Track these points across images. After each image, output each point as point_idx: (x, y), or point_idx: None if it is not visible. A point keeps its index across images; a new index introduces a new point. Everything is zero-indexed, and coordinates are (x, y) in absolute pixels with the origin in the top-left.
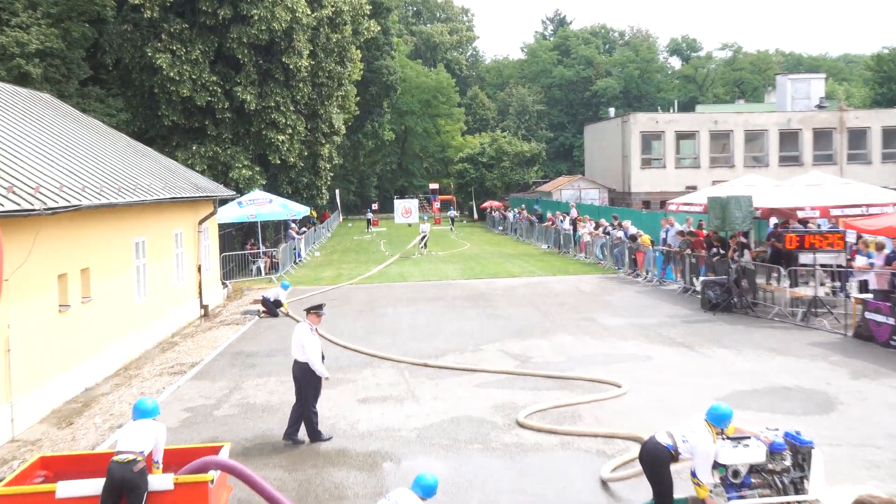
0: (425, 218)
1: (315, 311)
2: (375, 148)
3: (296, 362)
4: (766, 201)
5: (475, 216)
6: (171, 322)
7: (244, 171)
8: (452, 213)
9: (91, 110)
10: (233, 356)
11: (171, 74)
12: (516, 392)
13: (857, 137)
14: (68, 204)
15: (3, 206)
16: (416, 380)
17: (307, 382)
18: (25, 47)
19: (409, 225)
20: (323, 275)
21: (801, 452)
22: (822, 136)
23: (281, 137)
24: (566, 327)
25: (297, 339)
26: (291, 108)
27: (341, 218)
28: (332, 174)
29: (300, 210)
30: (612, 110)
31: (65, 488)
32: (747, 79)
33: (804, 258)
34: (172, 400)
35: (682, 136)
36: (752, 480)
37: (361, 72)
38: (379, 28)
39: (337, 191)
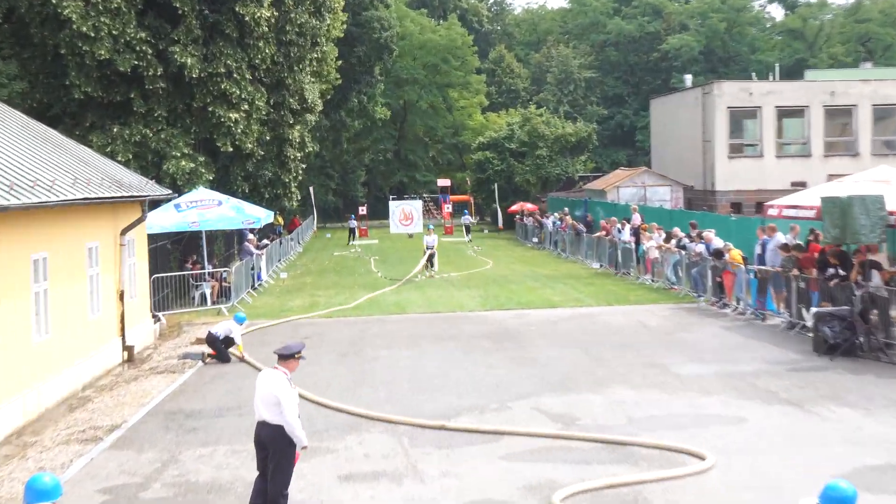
0: (431, 227)
1: (292, 356)
2: (364, 130)
3: (262, 424)
4: None
5: (500, 223)
6: (83, 369)
7: (184, 163)
8: (467, 218)
9: None
10: (167, 417)
11: (84, 29)
12: (557, 466)
13: None
14: None
15: None
16: (420, 449)
17: (279, 453)
18: None
19: (410, 236)
20: (292, 304)
21: None
22: None
23: (234, 116)
24: (626, 377)
25: (265, 393)
26: (248, 76)
27: (316, 226)
28: (304, 166)
29: (260, 216)
30: (688, 78)
31: None
32: (876, 34)
33: None
34: (83, 477)
35: (785, 113)
36: None
37: (345, 26)
38: None
39: (311, 189)
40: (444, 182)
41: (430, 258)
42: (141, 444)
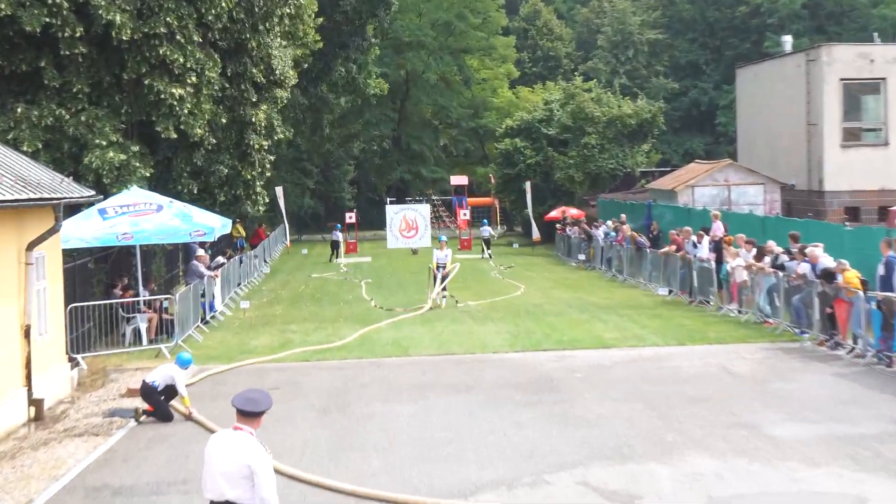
0: (444, 239)
1: (261, 413)
2: (353, 111)
3: None
4: None
5: (534, 235)
6: None
7: (111, 154)
8: (487, 230)
9: None
10: (88, 495)
11: None
12: None
13: None
14: None
15: None
16: None
17: None
18: None
19: (414, 252)
20: (256, 342)
21: None
22: None
23: (178, 91)
24: (703, 441)
25: (229, 463)
26: (196, 38)
27: (289, 239)
28: (272, 158)
29: (214, 225)
30: (787, 40)
31: None
32: None
33: None
34: None
35: None
36: None
37: None
38: None
39: (280, 190)
40: (459, 180)
41: (443, 280)
42: None
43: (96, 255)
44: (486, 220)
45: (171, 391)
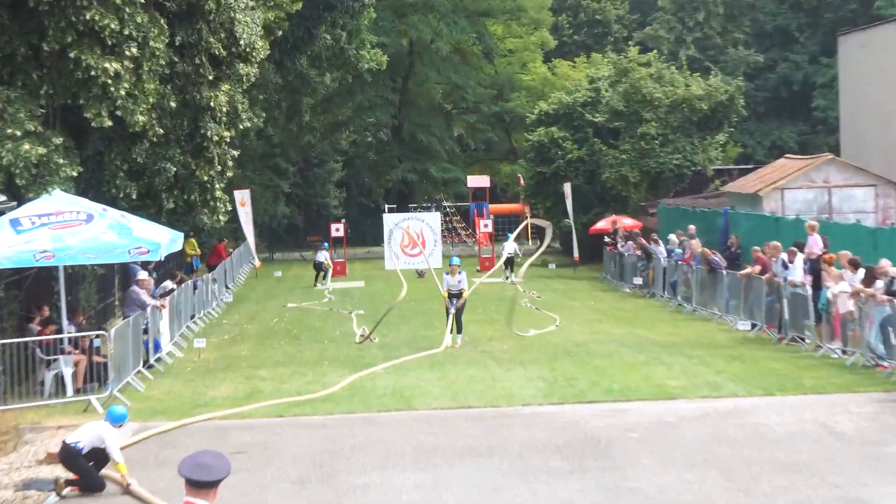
0: (456, 262)
1: (216, 483)
2: (341, 91)
3: None
4: None
5: (576, 253)
6: None
7: (27, 147)
8: (512, 248)
9: None
10: None
11: None
12: None
13: None
14: None
15: None
16: None
17: None
18: None
19: (420, 274)
20: (214, 392)
21: None
22: None
23: (113, 66)
24: None
25: None
26: None
27: (257, 259)
28: (236, 154)
29: (160, 240)
30: None
31: None
32: None
33: None
34: None
35: None
36: None
37: None
38: None
39: (246, 194)
40: (478, 181)
41: (457, 314)
42: None
43: (6, 279)
44: (509, 235)
45: (100, 455)
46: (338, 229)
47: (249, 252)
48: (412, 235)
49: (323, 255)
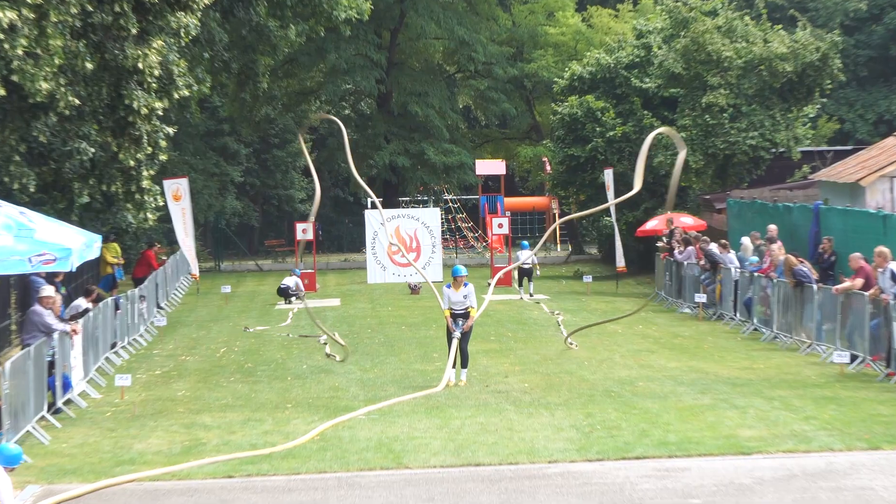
0: (462, 272)
1: None
2: (309, 51)
3: None
4: None
5: (619, 261)
6: None
7: None
8: (527, 256)
9: None
10: None
11: None
12: None
13: None
14: None
15: None
16: None
17: None
18: None
19: (414, 289)
20: (141, 445)
21: None
22: None
23: (6, 16)
24: None
25: None
26: None
27: (196, 269)
28: (170, 131)
29: (71, 245)
30: None
31: None
32: None
33: None
34: None
35: None
36: None
37: None
38: None
39: (180, 185)
40: (490, 167)
41: (462, 342)
42: None
43: None
44: (525, 245)
45: None
46: (305, 230)
47: (188, 262)
48: (403, 238)
49: (290, 281)
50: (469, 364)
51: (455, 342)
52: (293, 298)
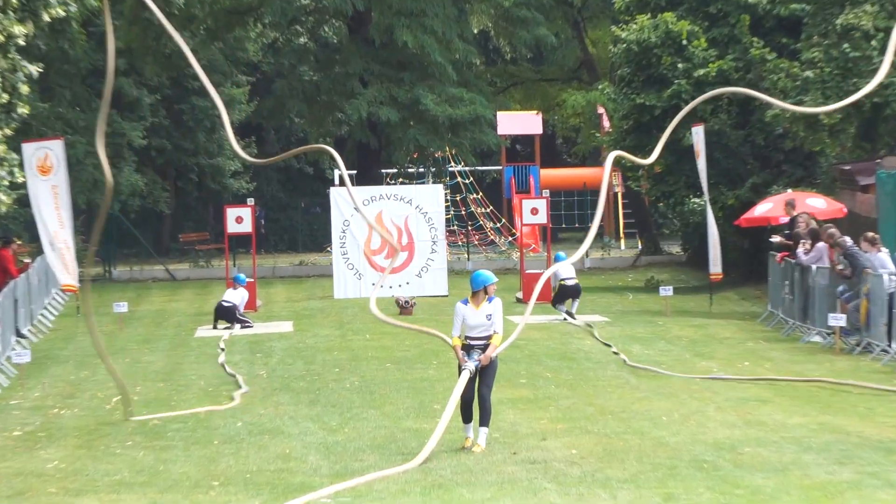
0: (490, 280)
1: None
2: None
3: None
4: None
5: (714, 266)
6: None
7: None
8: (565, 268)
9: None
10: None
11: None
12: None
13: None
14: None
15: None
16: None
17: None
18: None
19: (405, 306)
20: None
21: None
22: None
23: None
24: None
25: None
26: None
27: (73, 278)
28: (36, 70)
29: None
30: None
31: None
32: None
33: None
34: None
35: None
36: None
37: None
38: None
39: (50, 150)
40: (519, 122)
41: (480, 387)
42: None
43: None
44: (562, 256)
45: None
46: (240, 219)
47: (67, 267)
48: (388, 229)
49: (237, 297)
50: (490, 421)
51: (465, 378)
52: (237, 325)
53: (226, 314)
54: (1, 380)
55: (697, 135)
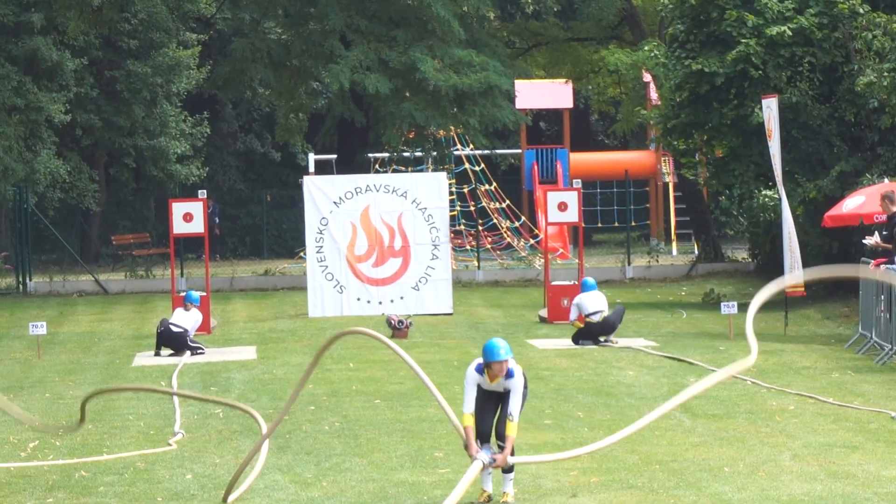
0: (503, 355)
1: None
2: None
3: None
4: None
5: (791, 274)
6: None
7: None
8: (598, 301)
9: None
10: None
11: None
12: None
13: None
14: None
15: None
16: None
17: None
18: None
19: (398, 327)
20: None
21: None
22: None
23: None
24: None
25: None
26: None
27: None
28: None
29: None
30: None
31: None
32: None
33: None
34: None
35: None
36: None
37: None
38: None
39: None
40: (544, 93)
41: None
42: None
43: None
44: (589, 282)
45: None
46: (189, 217)
47: None
48: (377, 231)
49: (189, 320)
50: (512, 484)
51: (475, 470)
52: (187, 352)
53: (173, 341)
54: None
55: (769, 109)
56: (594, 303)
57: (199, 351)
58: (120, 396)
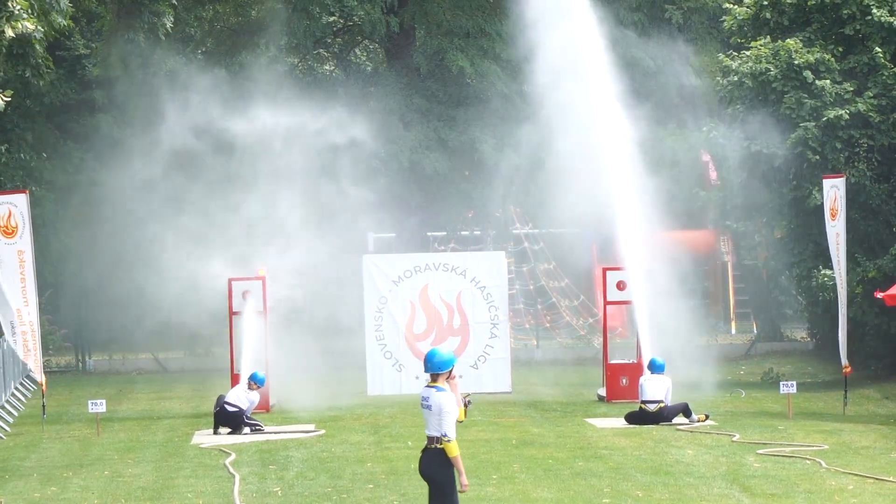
0: (439, 367)
1: None
2: None
3: None
4: None
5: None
6: None
7: None
8: (660, 386)
9: None
10: None
11: None
12: None
13: None
14: None
15: None
16: None
17: None
18: None
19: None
20: None
21: None
22: None
23: None
24: None
25: None
26: None
27: (39, 373)
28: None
29: None
30: None
31: None
32: None
33: None
34: None
35: None
36: None
37: None
38: None
39: (14, 206)
40: None
41: None
42: None
43: None
44: (657, 361)
45: None
46: (247, 293)
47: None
48: (436, 309)
49: (245, 399)
50: None
51: None
52: (247, 429)
53: (230, 420)
54: None
55: (836, 189)
56: (654, 390)
57: (257, 428)
58: (178, 475)
